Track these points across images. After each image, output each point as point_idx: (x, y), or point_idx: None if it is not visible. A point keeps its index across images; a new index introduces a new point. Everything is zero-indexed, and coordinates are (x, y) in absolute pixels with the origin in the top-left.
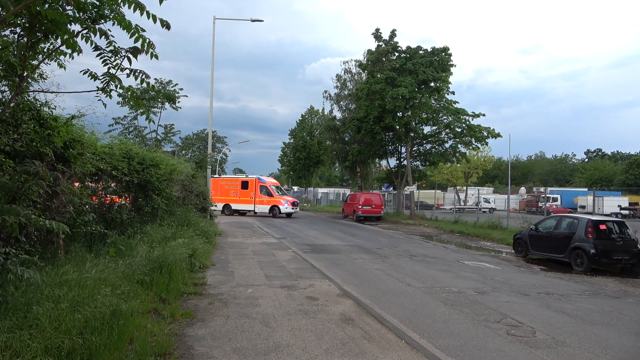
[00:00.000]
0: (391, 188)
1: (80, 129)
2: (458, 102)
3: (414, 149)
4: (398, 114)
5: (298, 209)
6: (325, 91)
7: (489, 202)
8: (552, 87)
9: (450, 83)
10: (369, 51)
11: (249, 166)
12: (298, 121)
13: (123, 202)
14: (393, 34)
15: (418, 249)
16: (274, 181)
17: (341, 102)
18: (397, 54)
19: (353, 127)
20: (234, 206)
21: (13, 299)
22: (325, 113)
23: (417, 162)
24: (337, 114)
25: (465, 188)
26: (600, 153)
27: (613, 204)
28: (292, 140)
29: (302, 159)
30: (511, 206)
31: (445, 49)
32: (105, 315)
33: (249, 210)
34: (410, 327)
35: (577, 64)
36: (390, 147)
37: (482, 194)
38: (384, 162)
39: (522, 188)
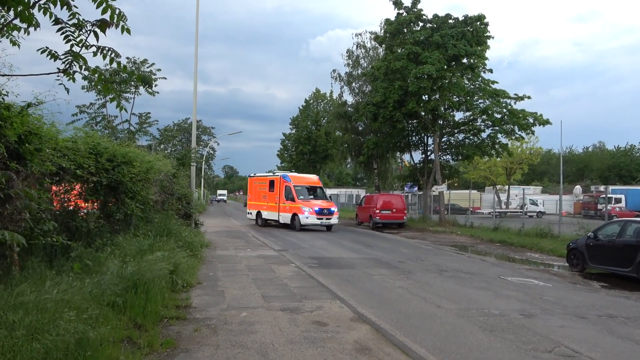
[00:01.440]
0: (415, 188)
1: (38, 119)
2: (497, 82)
3: (443, 139)
4: (423, 97)
5: (334, 219)
6: (334, 70)
7: (536, 205)
8: (612, 62)
9: (486, 59)
10: (387, 21)
11: (242, 163)
12: (301, 107)
13: (90, 208)
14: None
15: (449, 263)
16: (310, 178)
17: (353, 84)
18: (421, 24)
19: (368, 113)
20: (264, 214)
21: None
22: (334, 97)
23: (448, 156)
24: (349, 98)
25: (507, 187)
26: None
27: None
28: (294, 131)
29: (306, 153)
30: (564, 209)
31: (480, 18)
32: (69, 344)
33: (274, 220)
34: (440, 358)
35: None
36: (414, 138)
37: (527, 195)
38: (406, 157)
39: (578, 187)
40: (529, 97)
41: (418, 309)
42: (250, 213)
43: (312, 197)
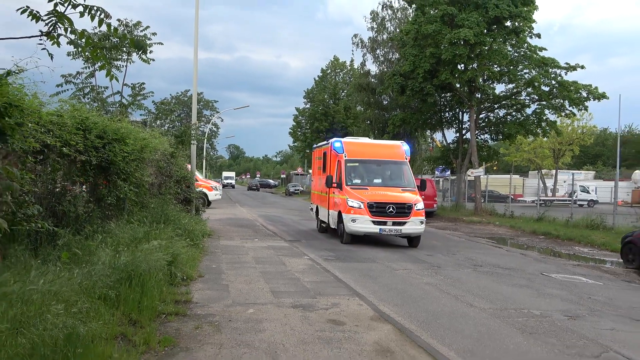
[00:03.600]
0: (448, 172)
1: (19, 89)
2: (546, 50)
3: (480, 116)
4: (459, 67)
5: (414, 226)
6: (356, 35)
7: (588, 192)
8: None
9: (534, 22)
10: None
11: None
12: (317, 78)
13: (78, 190)
14: None
15: (485, 257)
16: (380, 146)
17: (378, 51)
18: None
19: (395, 85)
20: (320, 211)
21: None
22: (355, 67)
23: (486, 135)
24: (372, 68)
25: (554, 172)
26: None
27: None
28: (308, 106)
29: (322, 131)
30: (620, 198)
31: None
32: (57, 340)
33: (326, 222)
34: None
35: None
36: (447, 114)
37: (578, 181)
38: (438, 136)
39: (637, 172)
40: (582, 67)
41: (447, 307)
42: (312, 209)
43: (380, 180)
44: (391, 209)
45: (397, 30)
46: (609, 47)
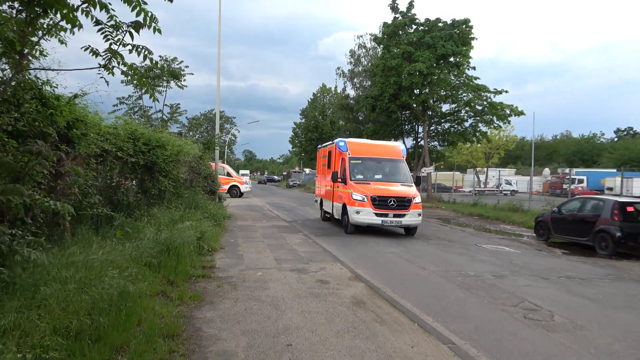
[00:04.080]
0: None
1: (84, 108)
2: (479, 79)
3: (431, 128)
4: (415, 91)
5: (412, 217)
6: (338, 68)
7: (510, 184)
8: (581, 61)
9: (471, 58)
10: (385, 24)
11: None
12: (310, 100)
13: (129, 184)
14: (411, 5)
15: (434, 232)
16: (381, 146)
17: (355, 79)
18: (414, 26)
19: (367, 105)
20: (324, 203)
21: (20, 280)
22: (338, 91)
23: (435, 142)
24: (351, 92)
25: (485, 169)
26: (631, 132)
27: None
28: (303, 120)
29: (314, 139)
30: (534, 188)
31: (466, 21)
32: (112, 296)
33: (330, 213)
34: (423, 311)
35: (609, 36)
36: (406, 127)
37: (503, 176)
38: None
39: (547, 169)
40: (506, 92)
41: (406, 270)
42: (316, 201)
43: (380, 176)
44: (392, 202)
45: (369, 64)
46: (525, 76)
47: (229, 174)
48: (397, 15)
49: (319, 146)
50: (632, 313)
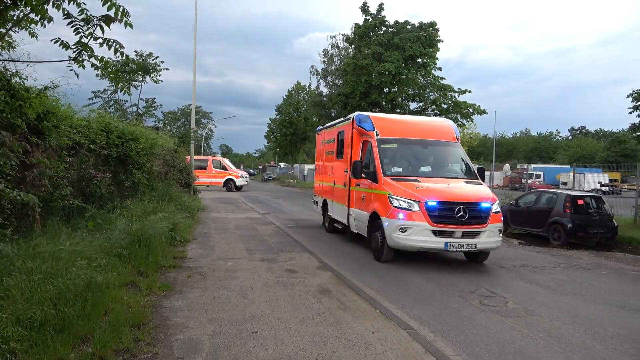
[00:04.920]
0: None
1: (55, 101)
2: (445, 79)
3: None
4: (384, 90)
5: (489, 238)
6: (312, 66)
7: None
8: (540, 64)
9: (437, 59)
10: (356, 25)
11: (236, 142)
12: (285, 97)
13: (102, 177)
14: (381, 7)
15: None
16: (423, 124)
17: (328, 78)
18: (384, 28)
19: (339, 102)
20: (331, 207)
21: None
22: (312, 89)
23: None
24: (324, 90)
25: None
26: (584, 131)
27: (594, 180)
28: (278, 116)
29: (288, 135)
30: (495, 182)
31: (432, 24)
32: (79, 287)
33: (344, 223)
34: (386, 298)
35: (566, 41)
36: None
37: None
38: None
39: (507, 165)
40: (470, 91)
41: (372, 261)
42: (316, 202)
43: (428, 169)
44: (461, 212)
45: (342, 63)
46: (489, 78)
47: (224, 168)
48: (367, 17)
49: (319, 128)
50: (579, 299)
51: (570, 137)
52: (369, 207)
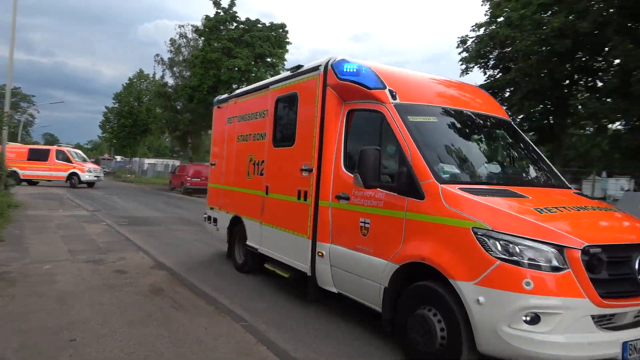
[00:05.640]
0: None
1: None
2: None
3: None
4: (233, 86)
5: None
6: (157, 54)
7: None
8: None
9: (286, 60)
10: (207, 17)
11: (64, 132)
12: (125, 84)
13: None
14: (232, 2)
15: None
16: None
17: (174, 68)
18: (235, 24)
19: (185, 95)
20: (256, 234)
21: None
22: (157, 78)
23: None
24: (170, 80)
25: None
26: None
27: None
28: (117, 105)
29: (127, 126)
30: None
31: (282, 26)
32: None
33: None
34: (222, 295)
35: (399, 55)
36: None
37: None
38: None
39: None
40: None
41: (208, 256)
42: (209, 217)
43: (496, 168)
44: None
45: (190, 55)
46: None
47: (68, 160)
48: (219, 11)
49: (222, 97)
50: None
51: None
52: (391, 249)
